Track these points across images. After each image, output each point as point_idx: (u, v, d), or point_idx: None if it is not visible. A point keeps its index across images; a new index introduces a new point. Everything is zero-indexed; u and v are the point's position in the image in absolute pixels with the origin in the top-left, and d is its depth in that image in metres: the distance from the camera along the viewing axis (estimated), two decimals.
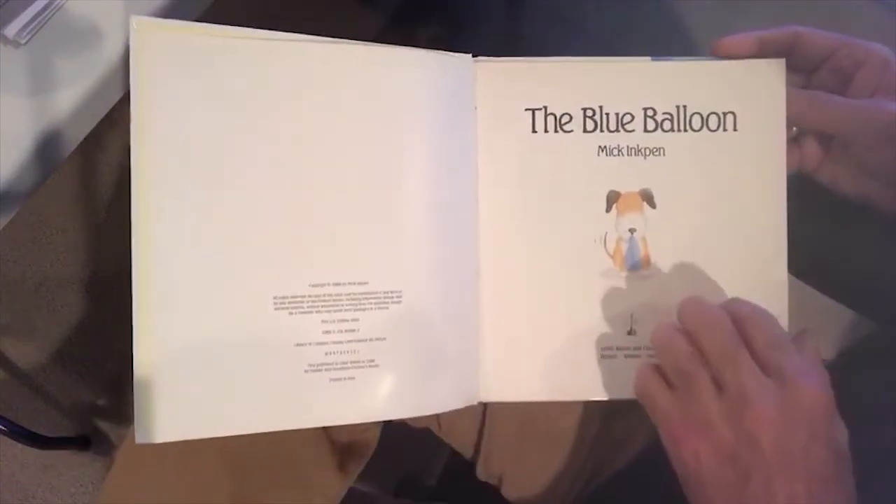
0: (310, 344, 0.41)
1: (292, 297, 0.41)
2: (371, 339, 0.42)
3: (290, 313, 0.41)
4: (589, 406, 0.51)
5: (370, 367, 0.42)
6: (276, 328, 0.40)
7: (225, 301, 0.40)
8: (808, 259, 0.44)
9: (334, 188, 0.41)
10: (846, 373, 0.49)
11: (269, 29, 0.40)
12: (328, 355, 0.41)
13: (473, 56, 0.44)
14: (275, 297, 0.40)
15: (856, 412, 0.42)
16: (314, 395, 0.41)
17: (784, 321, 0.43)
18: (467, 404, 0.43)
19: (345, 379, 0.41)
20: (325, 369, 0.41)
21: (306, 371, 0.41)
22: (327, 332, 0.41)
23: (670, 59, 0.43)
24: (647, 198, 0.44)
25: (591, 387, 0.44)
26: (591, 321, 0.44)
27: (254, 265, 0.40)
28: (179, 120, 0.39)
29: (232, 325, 0.40)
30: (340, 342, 0.41)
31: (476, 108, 0.44)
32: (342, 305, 0.41)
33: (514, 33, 1.11)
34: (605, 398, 0.44)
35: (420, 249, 0.42)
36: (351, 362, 0.41)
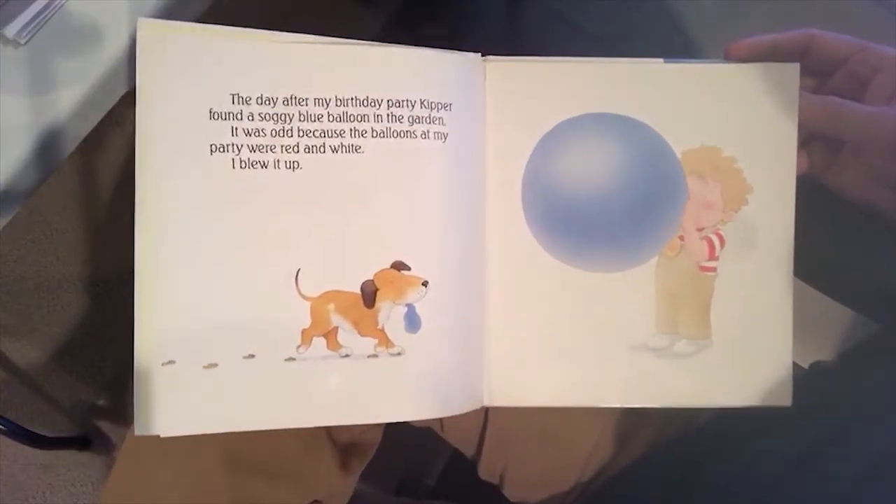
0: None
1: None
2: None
3: None
4: (591, 407, 0.51)
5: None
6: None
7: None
8: (810, 260, 0.44)
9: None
10: (846, 373, 0.49)
11: (271, 29, 0.40)
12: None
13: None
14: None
15: (856, 412, 0.42)
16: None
17: (788, 322, 0.43)
18: (471, 409, 0.43)
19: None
20: None
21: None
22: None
23: (684, 61, 0.42)
24: None
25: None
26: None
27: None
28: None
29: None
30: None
31: (485, 106, 0.43)
32: None
33: (515, 34, 1.11)
34: (613, 405, 0.44)
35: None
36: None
